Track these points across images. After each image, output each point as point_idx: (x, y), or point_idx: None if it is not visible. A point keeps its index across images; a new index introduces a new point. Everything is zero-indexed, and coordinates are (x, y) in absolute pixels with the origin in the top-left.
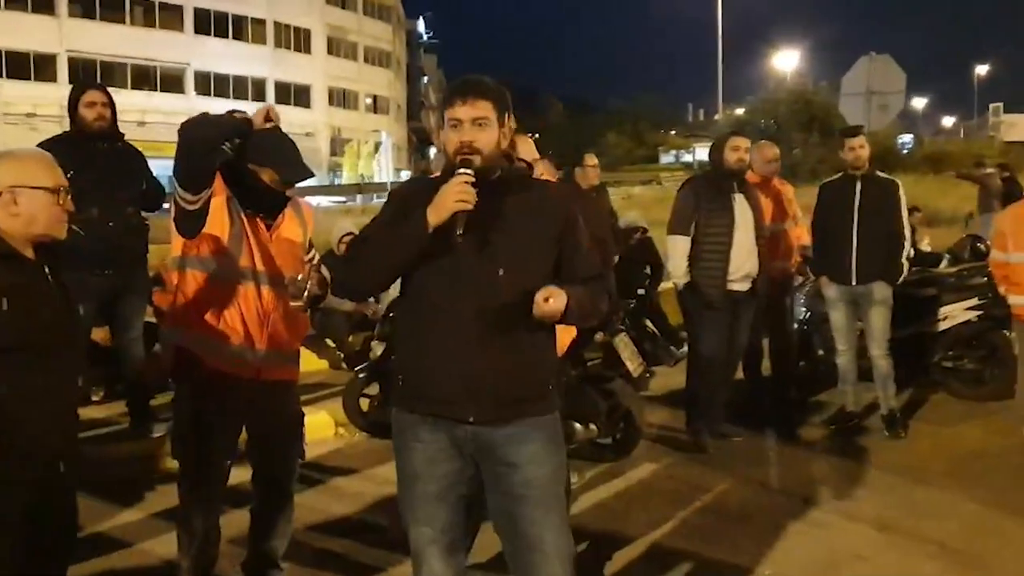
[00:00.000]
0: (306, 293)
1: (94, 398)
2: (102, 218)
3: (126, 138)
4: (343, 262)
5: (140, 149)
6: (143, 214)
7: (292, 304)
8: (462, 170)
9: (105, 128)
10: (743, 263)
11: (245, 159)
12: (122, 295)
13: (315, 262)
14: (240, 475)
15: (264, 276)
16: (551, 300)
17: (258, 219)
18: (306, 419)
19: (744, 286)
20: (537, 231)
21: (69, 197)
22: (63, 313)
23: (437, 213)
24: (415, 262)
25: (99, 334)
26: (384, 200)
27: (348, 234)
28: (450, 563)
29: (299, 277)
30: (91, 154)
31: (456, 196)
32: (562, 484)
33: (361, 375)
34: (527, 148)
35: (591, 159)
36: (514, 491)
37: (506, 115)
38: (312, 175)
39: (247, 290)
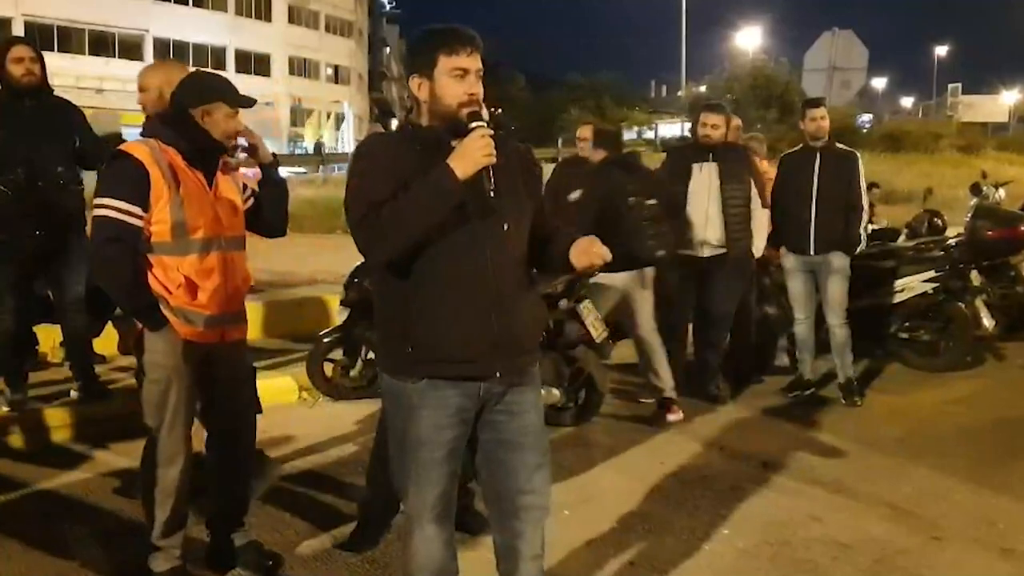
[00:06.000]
0: None
1: (51, 359)
2: (30, 177)
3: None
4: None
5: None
6: (81, 172)
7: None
8: (480, 123)
9: (35, 83)
10: (699, 231)
11: (186, 107)
12: (57, 257)
13: None
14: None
15: (218, 240)
16: (596, 246)
17: (200, 178)
18: (269, 383)
19: (704, 252)
20: (523, 185)
21: None
22: None
23: (464, 168)
24: (445, 221)
25: None
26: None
27: None
28: (444, 528)
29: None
30: (17, 112)
31: (484, 150)
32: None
33: (325, 340)
34: None
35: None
36: (512, 438)
37: None
38: (255, 101)
39: (205, 260)
